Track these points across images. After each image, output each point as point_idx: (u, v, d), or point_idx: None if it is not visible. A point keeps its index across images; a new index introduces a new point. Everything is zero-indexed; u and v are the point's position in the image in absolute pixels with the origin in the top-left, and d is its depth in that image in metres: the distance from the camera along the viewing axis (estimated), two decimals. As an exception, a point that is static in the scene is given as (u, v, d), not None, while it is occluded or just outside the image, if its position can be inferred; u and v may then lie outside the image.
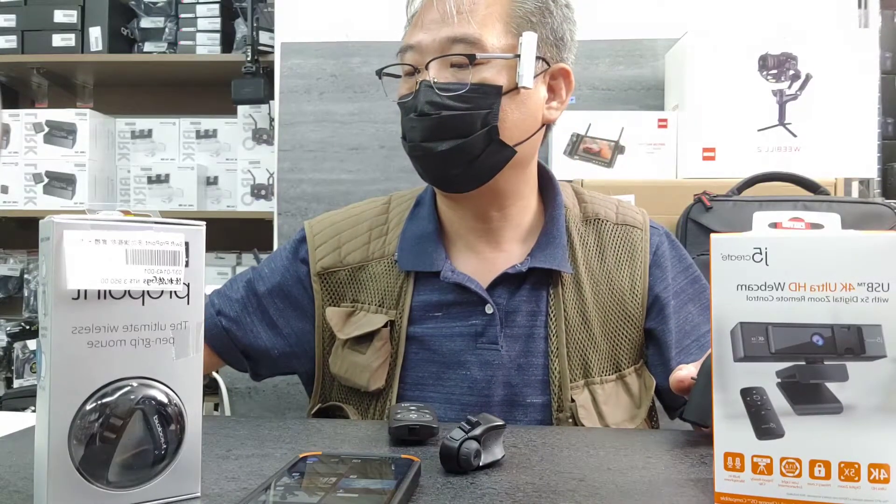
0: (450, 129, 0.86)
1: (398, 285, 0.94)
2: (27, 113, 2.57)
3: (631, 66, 2.14)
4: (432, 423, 0.70)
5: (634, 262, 0.96)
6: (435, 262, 0.92)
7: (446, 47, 0.87)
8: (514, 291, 0.92)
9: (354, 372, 0.93)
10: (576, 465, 0.64)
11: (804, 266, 0.51)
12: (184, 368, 0.54)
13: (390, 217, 0.99)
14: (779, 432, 0.52)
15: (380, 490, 0.52)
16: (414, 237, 0.95)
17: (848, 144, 1.81)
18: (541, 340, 0.91)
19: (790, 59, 1.80)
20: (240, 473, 0.61)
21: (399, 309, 0.93)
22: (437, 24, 0.88)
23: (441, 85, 0.86)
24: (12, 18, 2.61)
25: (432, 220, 0.96)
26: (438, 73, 0.87)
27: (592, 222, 0.98)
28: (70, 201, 2.52)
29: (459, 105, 0.86)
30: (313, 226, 1.02)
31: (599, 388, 0.91)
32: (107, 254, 0.50)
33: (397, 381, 0.91)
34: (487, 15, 0.88)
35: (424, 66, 0.87)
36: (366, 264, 0.96)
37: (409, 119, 0.88)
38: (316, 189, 2.20)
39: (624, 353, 0.94)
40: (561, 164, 1.89)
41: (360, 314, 0.95)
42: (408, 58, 0.90)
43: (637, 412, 0.93)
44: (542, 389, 0.90)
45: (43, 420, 0.50)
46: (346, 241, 0.98)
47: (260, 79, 2.37)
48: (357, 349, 0.93)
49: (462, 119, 0.86)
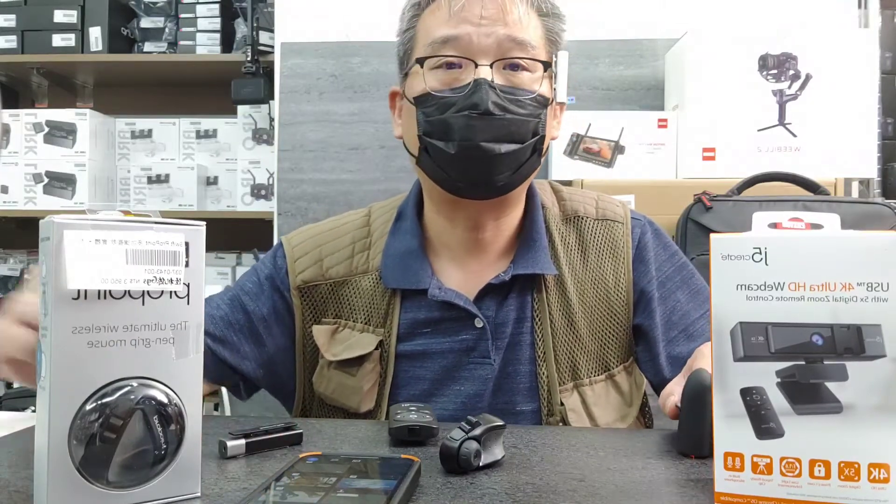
0: (511, 133, 0.84)
1: (385, 302, 0.91)
2: (27, 113, 2.57)
3: (631, 66, 2.14)
4: (432, 423, 0.70)
5: (617, 258, 0.94)
6: (421, 280, 0.90)
7: (504, 47, 0.85)
8: (501, 302, 0.91)
9: (343, 393, 0.91)
10: (576, 465, 0.64)
11: (804, 266, 0.51)
12: (184, 368, 0.54)
13: (372, 229, 0.97)
14: (779, 432, 0.52)
15: (380, 490, 0.52)
16: (398, 254, 0.92)
17: (848, 144, 1.81)
18: (527, 347, 0.90)
19: (790, 59, 1.80)
20: (240, 473, 0.61)
21: (387, 327, 0.91)
22: (489, 22, 0.85)
23: (505, 87, 0.84)
24: (12, 18, 2.61)
25: (416, 234, 0.93)
26: (496, 73, 0.85)
27: (572, 220, 0.96)
28: (70, 201, 2.52)
29: (519, 110, 0.84)
30: (291, 239, 0.98)
31: (589, 389, 0.90)
32: (107, 254, 0.50)
33: (387, 400, 0.89)
34: (534, 25, 0.87)
35: (489, 65, 0.84)
36: (349, 279, 0.94)
37: (465, 116, 0.83)
38: (316, 189, 2.21)
39: (612, 351, 0.93)
40: (561, 164, 1.89)
41: (345, 332, 0.92)
42: (450, 49, 0.85)
43: (628, 411, 0.92)
44: (532, 396, 0.89)
45: (43, 420, 0.50)
46: (327, 255, 0.95)
47: (260, 79, 2.37)
48: (347, 371, 0.91)
49: (522, 124, 0.84)
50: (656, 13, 2.12)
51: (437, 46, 0.86)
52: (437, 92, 0.85)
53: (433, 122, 0.85)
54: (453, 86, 0.85)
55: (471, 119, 0.83)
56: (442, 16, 0.87)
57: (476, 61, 0.84)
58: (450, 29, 0.85)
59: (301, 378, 0.96)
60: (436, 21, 0.87)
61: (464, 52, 0.85)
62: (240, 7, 2.52)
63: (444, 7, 0.87)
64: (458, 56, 0.85)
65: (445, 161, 0.85)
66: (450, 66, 0.86)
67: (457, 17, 0.85)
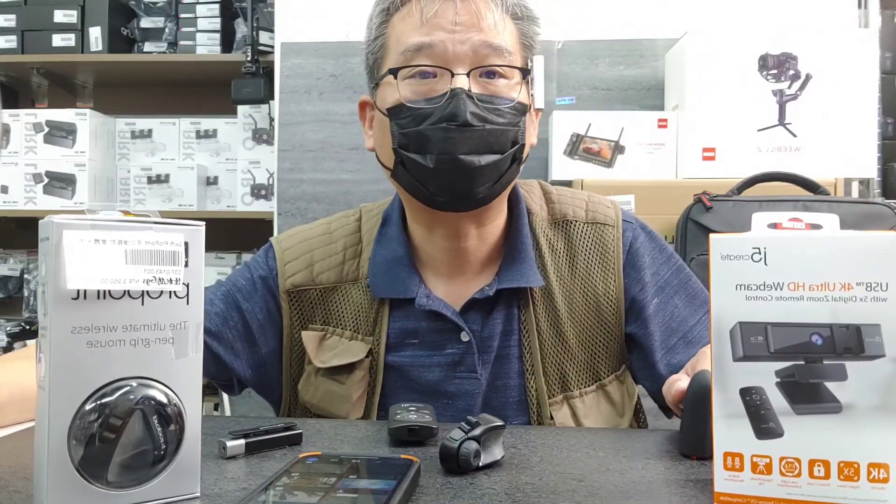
0: (490, 144, 0.81)
1: (373, 311, 0.90)
2: (27, 113, 2.57)
3: (631, 66, 2.14)
4: (432, 423, 0.70)
5: (607, 264, 0.92)
6: (409, 288, 0.88)
7: (480, 54, 0.82)
8: (486, 315, 0.89)
9: (332, 402, 0.89)
10: (576, 465, 0.64)
11: (803, 266, 0.51)
12: (183, 368, 0.54)
13: (363, 235, 0.95)
14: (778, 432, 0.52)
15: (379, 490, 0.52)
16: (385, 262, 0.90)
17: (848, 144, 1.81)
18: (515, 360, 0.89)
19: (790, 59, 1.80)
20: (240, 473, 0.61)
21: (376, 336, 0.89)
22: (464, 28, 0.81)
23: (483, 97, 0.82)
24: (12, 18, 2.61)
25: (402, 241, 0.91)
26: (473, 82, 0.82)
27: (561, 224, 0.93)
28: (70, 201, 2.52)
29: (498, 120, 0.82)
30: (282, 241, 0.96)
31: (579, 401, 0.89)
32: (106, 254, 0.50)
33: (376, 410, 0.88)
34: (509, 30, 0.85)
35: (465, 73, 0.81)
36: (339, 286, 0.92)
37: (443, 129, 0.80)
38: (316, 189, 2.21)
39: (602, 361, 0.91)
40: (561, 164, 1.89)
41: (334, 339, 0.91)
42: (424, 58, 0.82)
43: (620, 420, 0.91)
44: (522, 410, 0.88)
45: (43, 420, 0.50)
46: (318, 260, 0.93)
47: (260, 79, 2.37)
48: (336, 378, 0.89)
49: (502, 134, 0.82)
50: (656, 13, 2.12)
51: (410, 55, 0.83)
52: (412, 103, 0.82)
53: (408, 134, 0.82)
54: (428, 96, 0.82)
55: (448, 131, 0.80)
56: (413, 22, 0.83)
57: (452, 70, 0.81)
58: (422, 36, 0.82)
59: (287, 384, 0.94)
60: (407, 28, 0.84)
61: (438, 61, 0.82)
62: (240, 7, 2.52)
63: (415, 13, 0.83)
64: (433, 65, 0.82)
65: (423, 174, 0.82)
66: (423, 74, 0.83)
67: (429, 23, 0.82)
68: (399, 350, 0.89)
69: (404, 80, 0.84)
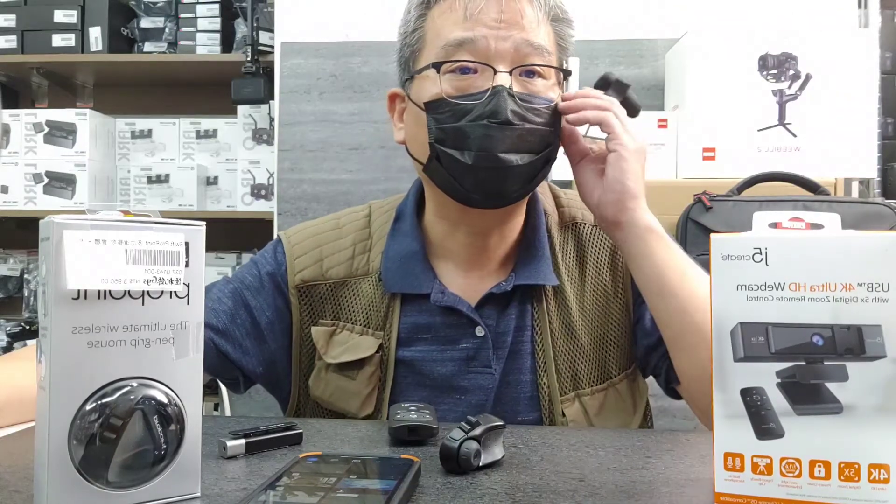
0: (528, 143, 0.81)
1: (384, 305, 0.90)
2: (27, 113, 2.57)
3: (631, 66, 2.14)
4: (432, 423, 0.70)
5: (615, 264, 0.93)
6: (423, 284, 0.89)
7: (522, 52, 0.82)
8: (502, 311, 0.90)
9: (342, 397, 0.89)
10: (576, 465, 0.64)
11: (804, 266, 0.51)
12: (184, 368, 0.54)
13: (373, 230, 0.95)
14: (779, 432, 0.52)
15: (380, 490, 0.52)
16: (398, 256, 0.90)
17: (848, 144, 1.81)
18: (528, 356, 0.89)
19: (790, 59, 1.80)
20: (240, 473, 0.61)
21: (386, 331, 0.89)
22: (506, 25, 0.81)
23: (523, 95, 0.81)
24: (12, 18, 2.62)
25: (416, 236, 0.91)
26: (514, 80, 0.82)
27: (570, 227, 0.95)
28: (70, 201, 2.52)
29: (536, 119, 0.82)
30: (290, 236, 0.96)
31: (590, 399, 0.89)
32: (107, 254, 0.50)
33: (387, 405, 0.88)
34: (546, 30, 0.85)
35: (508, 71, 0.81)
36: (349, 280, 0.92)
37: (483, 125, 0.79)
38: (316, 189, 2.21)
39: (612, 359, 0.92)
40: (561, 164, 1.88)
41: (344, 334, 0.90)
42: (465, 53, 0.82)
43: (631, 419, 0.91)
44: (533, 406, 0.88)
45: (43, 420, 0.50)
46: (328, 255, 0.93)
47: (260, 79, 2.38)
48: (346, 374, 0.89)
49: (539, 134, 0.82)
50: (656, 13, 2.12)
51: (451, 50, 0.82)
52: (452, 98, 0.82)
53: (447, 129, 0.82)
54: (468, 91, 0.82)
55: (489, 128, 0.79)
56: (455, 17, 0.83)
57: (495, 67, 0.81)
58: (465, 31, 0.81)
59: (296, 380, 0.94)
60: (447, 22, 0.83)
61: (480, 57, 0.82)
62: (240, 7, 2.52)
63: (458, 8, 0.83)
64: (476, 61, 0.82)
65: (459, 170, 0.82)
66: (464, 70, 0.82)
67: (473, 19, 0.82)
68: (410, 345, 0.90)
69: (443, 75, 0.83)
